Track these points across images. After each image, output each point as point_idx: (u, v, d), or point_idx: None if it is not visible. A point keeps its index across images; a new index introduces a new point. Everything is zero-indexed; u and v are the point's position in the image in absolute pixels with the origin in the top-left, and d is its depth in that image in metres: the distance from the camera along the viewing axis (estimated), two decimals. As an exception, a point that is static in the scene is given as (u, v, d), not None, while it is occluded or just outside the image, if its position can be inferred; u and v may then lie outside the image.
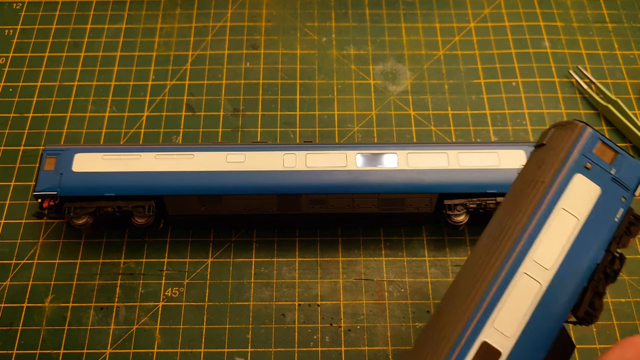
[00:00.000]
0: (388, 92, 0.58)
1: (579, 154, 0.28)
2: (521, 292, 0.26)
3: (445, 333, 0.25)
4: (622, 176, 0.28)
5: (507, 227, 0.27)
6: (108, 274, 0.49)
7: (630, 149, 0.54)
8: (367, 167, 0.46)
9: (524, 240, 0.26)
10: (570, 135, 0.28)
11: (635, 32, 0.61)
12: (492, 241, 0.27)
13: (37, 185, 0.46)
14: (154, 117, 0.56)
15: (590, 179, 0.28)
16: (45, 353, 0.45)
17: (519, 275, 0.26)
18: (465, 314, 0.25)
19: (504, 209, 0.29)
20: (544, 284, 0.26)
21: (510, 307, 0.26)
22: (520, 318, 0.26)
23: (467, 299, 0.26)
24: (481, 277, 0.26)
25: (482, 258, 0.27)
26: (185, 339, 0.46)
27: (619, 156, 0.28)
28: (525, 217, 0.27)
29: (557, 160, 0.28)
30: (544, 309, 0.26)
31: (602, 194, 0.28)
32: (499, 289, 0.26)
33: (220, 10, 0.63)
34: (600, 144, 0.28)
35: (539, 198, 0.27)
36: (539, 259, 0.26)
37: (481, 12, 0.63)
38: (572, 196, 0.27)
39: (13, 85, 0.58)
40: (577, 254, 0.27)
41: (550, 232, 0.27)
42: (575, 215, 0.27)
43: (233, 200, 0.46)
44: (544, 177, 0.28)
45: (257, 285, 0.48)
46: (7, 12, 0.63)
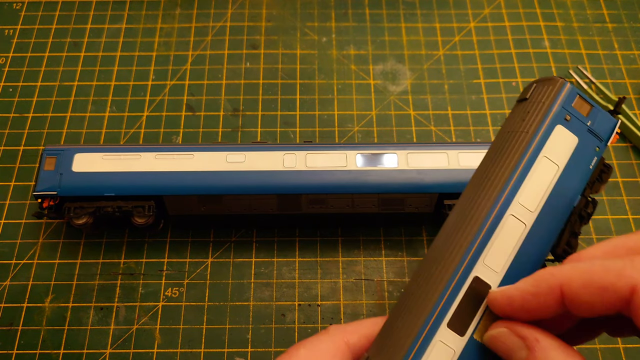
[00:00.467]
0: (388, 92, 0.58)
1: (559, 107, 0.30)
2: (508, 232, 0.28)
3: (439, 272, 0.28)
4: (597, 128, 0.31)
5: (494, 174, 0.30)
6: (108, 274, 0.49)
7: (631, 149, 0.54)
8: (367, 167, 0.46)
9: (511, 185, 0.29)
10: (552, 90, 0.31)
11: (635, 32, 0.61)
12: (480, 188, 0.30)
13: (37, 185, 0.46)
14: (154, 117, 0.56)
15: (569, 129, 0.30)
16: (45, 353, 0.45)
17: (506, 217, 0.28)
18: (458, 252, 0.28)
19: (489, 159, 0.31)
20: (528, 224, 0.28)
21: (498, 245, 0.28)
22: (507, 255, 0.28)
23: (460, 239, 0.28)
24: (472, 219, 0.29)
25: (471, 203, 0.30)
26: (185, 339, 0.46)
27: (594, 109, 0.31)
28: (512, 164, 0.29)
29: (540, 113, 0.30)
30: (527, 246, 0.28)
31: (579, 143, 0.30)
32: (489, 229, 0.28)
33: (220, 10, 0.63)
34: (579, 98, 0.30)
35: (524, 147, 0.30)
36: (524, 202, 0.29)
37: (481, 12, 0.63)
38: (553, 145, 0.30)
39: (13, 85, 0.58)
40: (557, 198, 0.29)
41: (534, 177, 0.29)
42: (556, 162, 0.30)
43: (233, 200, 0.46)
44: (527, 128, 0.30)
45: (257, 285, 0.48)
46: (7, 12, 0.63)
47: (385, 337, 0.28)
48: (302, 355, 0.27)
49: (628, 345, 0.45)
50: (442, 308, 0.27)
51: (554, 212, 0.29)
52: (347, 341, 0.28)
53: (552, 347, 0.24)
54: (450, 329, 0.27)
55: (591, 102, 0.31)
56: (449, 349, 0.27)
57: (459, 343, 0.27)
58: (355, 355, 0.28)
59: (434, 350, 0.26)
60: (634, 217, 0.51)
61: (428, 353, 0.26)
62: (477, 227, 0.28)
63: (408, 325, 0.27)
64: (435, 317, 0.27)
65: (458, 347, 0.27)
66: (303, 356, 0.27)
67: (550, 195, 0.29)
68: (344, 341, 0.28)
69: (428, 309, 0.27)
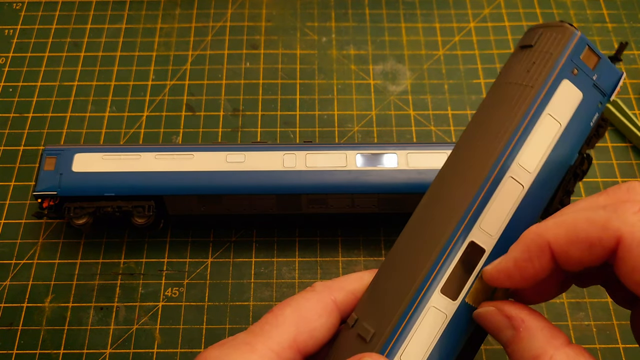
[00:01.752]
0: (388, 92, 0.58)
1: (568, 60, 0.28)
2: (506, 195, 0.27)
3: (433, 235, 0.27)
4: (602, 82, 0.29)
5: (495, 132, 0.27)
6: (108, 274, 0.49)
7: (631, 149, 0.54)
8: (367, 167, 0.46)
9: (512, 146, 0.27)
10: (562, 39, 0.28)
11: (635, 32, 0.61)
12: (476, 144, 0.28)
13: (37, 185, 0.46)
14: (154, 117, 0.56)
15: (575, 84, 0.28)
16: (45, 353, 0.45)
17: (505, 179, 0.27)
18: (454, 216, 0.26)
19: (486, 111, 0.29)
20: (526, 186, 0.27)
21: (495, 208, 0.27)
22: (503, 218, 0.27)
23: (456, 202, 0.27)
24: (471, 180, 0.27)
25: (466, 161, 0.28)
26: (185, 339, 0.46)
27: (601, 61, 0.29)
28: (516, 122, 0.27)
29: (547, 65, 0.28)
30: (523, 209, 0.27)
31: (583, 99, 0.28)
32: (488, 193, 0.27)
33: (220, 10, 0.63)
34: (587, 50, 0.28)
35: (529, 103, 0.27)
36: (523, 163, 0.27)
37: (481, 12, 0.63)
38: (557, 102, 0.28)
39: (13, 85, 0.58)
40: (556, 157, 0.28)
41: (536, 137, 0.27)
42: (559, 120, 0.28)
43: (233, 200, 0.46)
44: (533, 81, 0.28)
45: (257, 285, 0.48)
46: (7, 12, 0.63)
47: (374, 298, 0.27)
48: (288, 315, 0.26)
49: (628, 346, 0.45)
50: (437, 274, 0.26)
51: (551, 172, 0.28)
52: (334, 299, 0.27)
53: (537, 327, 0.23)
54: (444, 294, 0.26)
55: (599, 53, 0.29)
56: (442, 314, 0.26)
57: (451, 307, 0.26)
58: (342, 312, 0.27)
59: (427, 316, 0.26)
60: (634, 217, 0.51)
61: (421, 319, 0.26)
62: (475, 190, 0.27)
63: (399, 289, 0.26)
64: (430, 282, 0.26)
65: (450, 311, 0.26)
66: (289, 316, 0.26)
67: (549, 155, 0.28)
68: (331, 299, 0.27)
69: (422, 275, 0.26)
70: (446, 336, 0.26)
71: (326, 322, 0.27)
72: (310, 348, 0.26)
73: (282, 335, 0.25)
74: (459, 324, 0.26)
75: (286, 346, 0.25)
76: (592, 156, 0.30)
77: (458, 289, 0.26)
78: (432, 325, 0.26)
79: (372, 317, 0.26)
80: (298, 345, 0.26)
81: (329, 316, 0.27)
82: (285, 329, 0.26)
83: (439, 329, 0.26)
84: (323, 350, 0.27)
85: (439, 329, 0.26)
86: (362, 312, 0.27)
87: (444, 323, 0.26)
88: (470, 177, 0.27)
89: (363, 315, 0.27)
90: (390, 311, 0.26)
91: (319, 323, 0.26)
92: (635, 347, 0.45)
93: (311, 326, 0.26)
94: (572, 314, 0.47)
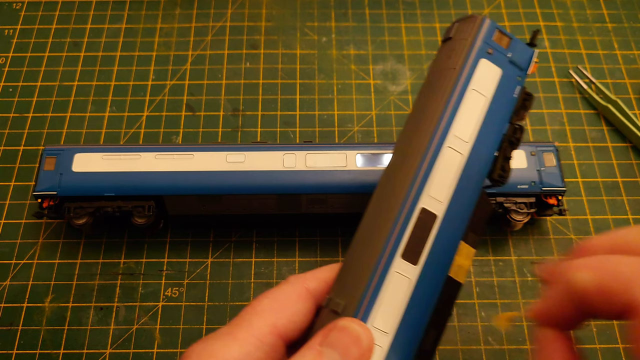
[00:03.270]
0: (388, 92, 0.58)
1: (482, 42, 0.32)
2: (447, 163, 0.30)
3: (386, 209, 0.29)
4: (517, 58, 0.33)
5: (429, 111, 0.31)
6: (108, 274, 0.49)
7: (631, 149, 0.54)
8: (367, 167, 0.46)
9: (445, 119, 0.31)
10: (473, 26, 0.33)
11: (635, 32, 0.61)
12: (416, 125, 0.31)
13: (37, 185, 0.46)
14: (154, 117, 0.56)
15: (492, 62, 0.32)
16: (45, 353, 0.45)
17: (444, 149, 0.30)
18: (403, 188, 0.30)
19: (422, 97, 0.33)
20: (464, 154, 0.30)
21: (439, 176, 0.30)
22: (449, 185, 0.30)
23: (403, 176, 0.30)
24: (413, 154, 0.30)
25: (410, 141, 0.31)
26: (185, 339, 0.46)
27: (512, 41, 0.33)
28: (444, 99, 0.31)
29: (464, 49, 0.32)
30: (466, 175, 0.30)
31: (503, 74, 0.32)
32: (430, 163, 0.30)
33: (220, 10, 0.63)
34: (498, 32, 0.33)
35: (453, 82, 0.31)
36: (458, 133, 0.31)
37: (481, 12, 0.63)
38: (479, 78, 0.32)
39: (13, 85, 0.58)
40: (488, 127, 0.31)
41: (465, 110, 0.31)
42: (484, 94, 0.32)
43: (233, 200, 0.46)
44: (454, 64, 0.32)
45: (257, 285, 0.48)
46: (7, 12, 0.63)
47: (343, 277, 0.29)
48: (266, 304, 0.28)
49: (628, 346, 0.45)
50: (395, 241, 0.28)
51: (486, 140, 0.31)
52: (307, 287, 0.29)
53: None
54: (405, 259, 0.28)
55: (509, 34, 0.33)
56: (405, 278, 0.28)
57: (414, 271, 0.28)
58: (317, 299, 0.29)
59: (392, 281, 0.28)
60: (634, 217, 0.51)
61: (386, 284, 0.28)
62: (417, 163, 0.30)
63: (364, 261, 0.29)
64: (389, 249, 0.28)
65: (413, 275, 0.28)
66: (267, 305, 0.27)
67: (481, 125, 0.31)
68: (304, 287, 0.29)
69: (381, 243, 0.28)
70: (415, 299, 0.28)
71: (302, 307, 0.28)
72: (290, 332, 0.27)
73: (261, 321, 0.27)
74: (426, 287, 0.28)
75: (267, 331, 0.26)
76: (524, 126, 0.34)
77: (417, 254, 0.29)
78: (399, 290, 0.28)
79: (342, 292, 0.28)
80: (278, 330, 0.27)
81: (304, 302, 0.28)
82: (265, 315, 0.27)
83: (405, 292, 0.28)
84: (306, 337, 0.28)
85: (405, 292, 0.28)
86: (333, 291, 0.29)
87: (409, 287, 0.28)
88: (413, 152, 0.30)
89: (335, 294, 0.29)
90: (357, 283, 0.28)
91: (295, 308, 0.28)
92: (635, 347, 0.45)
93: (288, 311, 0.28)
94: (572, 314, 0.47)
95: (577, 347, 0.25)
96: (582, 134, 0.55)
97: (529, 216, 0.46)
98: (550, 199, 0.46)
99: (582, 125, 0.56)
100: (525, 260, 0.49)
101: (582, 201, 0.52)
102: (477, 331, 0.46)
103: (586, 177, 0.53)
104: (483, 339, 0.46)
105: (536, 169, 0.46)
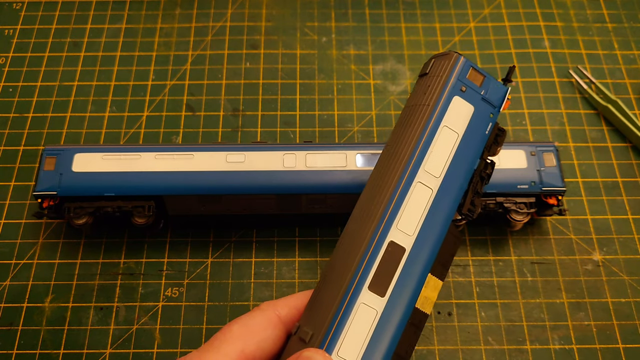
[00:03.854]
0: (388, 92, 0.58)
1: (456, 79, 0.33)
2: (417, 198, 0.31)
3: (357, 241, 0.30)
4: (490, 96, 0.34)
5: (402, 145, 0.32)
6: (108, 274, 0.49)
7: (631, 149, 0.54)
8: (367, 167, 0.46)
9: (417, 155, 0.31)
10: (448, 64, 0.34)
11: (635, 32, 0.61)
12: (389, 159, 0.32)
13: (37, 185, 0.46)
14: (154, 117, 0.56)
15: (465, 99, 0.33)
16: (45, 353, 0.45)
17: (414, 184, 0.31)
18: (373, 221, 0.30)
19: (396, 132, 0.34)
20: (434, 189, 0.31)
21: (409, 210, 0.31)
22: (418, 219, 0.31)
23: (374, 209, 0.31)
24: (384, 188, 0.31)
25: (381, 175, 0.32)
26: (185, 339, 0.46)
27: (486, 79, 0.34)
28: (417, 135, 0.32)
29: (439, 86, 0.33)
30: (435, 209, 0.31)
31: (475, 111, 0.33)
32: (400, 197, 0.31)
33: (220, 10, 0.63)
34: (472, 70, 0.34)
35: (427, 118, 0.32)
36: (429, 169, 0.32)
37: (481, 12, 0.63)
38: (452, 115, 0.33)
39: (13, 85, 0.58)
40: (459, 162, 0.32)
41: (437, 146, 0.32)
42: (456, 130, 0.33)
43: (233, 200, 0.46)
44: (428, 101, 0.33)
45: (257, 285, 0.48)
46: (7, 12, 0.63)
47: (313, 306, 0.30)
48: (235, 330, 0.28)
49: (628, 346, 0.45)
50: (363, 272, 0.29)
51: (457, 175, 0.32)
52: (278, 314, 0.30)
53: None
54: (372, 291, 0.29)
55: (483, 72, 0.34)
56: (372, 310, 0.29)
57: (380, 303, 0.29)
58: (287, 326, 0.30)
59: (358, 312, 0.29)
60: (634, 217, 0.51)
61: (353, 314, 0.28)
62: (388, 196, 0.31)
63: (333, 292, 0.29)
64: (357, 281, 0.29)
65: (379, 307, 0.29)
66: (236, 332, 0.28)
67: (452, 161, 0.32)
68: (275, 314, 0.30)
69: (350, 274, 0.29)
70: (380, 330, 0.29)
71: (272, 334, 0.29)
72: (259, 359, 0.28)
73: (230, 347, 0.27)
74: (392, 318, 0.29)
75: (235, 357, 0.27)
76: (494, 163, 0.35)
77: (385, 286, 0.29)
78: (365, 321, 0.29)
79: (311, 321, 0.29)
80: (246, 356, 0.27)
81: (274, 329, 0.29)
82: (233, 342, 0.28)
83: (371, 323, 0.29)
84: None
85: (371, 323, 0.29)
86: (303, 319, 0.30)
87: (375, 318, 0.29)
88: (384, 186, 0.31)
89: (304, 322, 0.29)
90: (325, 312, 0.29)
91: (265, 334, 0.29)
92: (636, 347, 0.45)
93: (257, 338, 0.28)
94: (572, 314, 0.47)
95: None
96: (582, 134, 0.55)
97: (529, 216, 0.46)
98: (550, 199, 0.46)
99: (582, 125, 0.56)
100: (525, 260, 0.49)
101: (582, 201, 0.52)
102: (477, 331, 0.46)
103: (586, 177, 0.53)
104: (483, 339, 0.46)
105: (536, 169, 0.46)
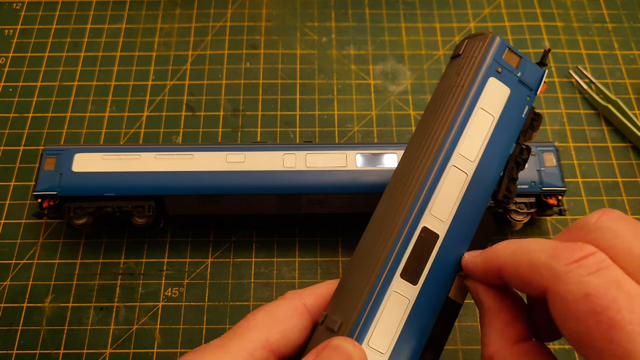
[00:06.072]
0: (388, 92, 0.58)
1: (491, 60, 0.32)
2: (451, 182, 0.30)
3: (388, 227, 0.29)
4: (526, 78, 0.32)
5: (435, 128, 0.31)
6: (108, 274, 0.49)
7: (631, 149, 0.54)
8: (367, 167, 0.46)
9: (451, 137, 0.30)
10: (483, 44, 0.32)
11: (635, 32, 0.61)
12: (422, 143, 0.31)
13: (37, 185, 0.46)
14: (154, 117, 0.56)
15: (501, 81, 0.32)
16: (45, 353, 0.45)
17: (448, 168, 0.30)
18: (405, 206, 0.29)
19: (429, 114, 0.32)
20: (469, 173, 0.30)
21: (443, 195, 0.29)
22: (452, 204, 0.29)
23: (406, 194, 0.29)
24: (417, 172, 0.30)
25: (414, 158, 0.31)
26: (185, 339, 0.46)
27: (522, 61, 0.32)
28: (451, 118, 0.30)
29: (473, 67, 0.32)
30: (470, 195, 0.30)
31: (511, 94, 0.32)
32: (433, 181, 0.29)
33: (220, 10, 0.63)
34: (508, 51, 0.32)
35: (461, 100, 0.31)
36: (464, 152, 0.30)
37: (481, 12, 0.63)
38: (487, 97, 0.31)
39: (13, 85, 0.58)
40: (494, 147, 0.31)
41: (472, 129, 0.30)
42: (491, 113, 0.31)
43: (233, 200, 0.46)
44: (462, 82, 0.31)
45: (257, 285, 0.48)
46: (7, 12, 0.63)
47: (341, 294, 0.29)
48: (260, 318, 0.27)
49: (628, 345, 0.45)
50: (395, 259, 0.28)
51: (492, 160, 0.31)
52: (304, 302, 0.29)
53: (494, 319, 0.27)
54: (404, 278, 0.28)
55: (520, 53, 0.32)
56: (404, 298, 0.28)
57: (413, 292, 0.28)
58: (314, 315, 0.29)
59: (390, 300, 0.28)
60: (634, 217, 0.51)
61: (384, 303, 0.27)
62: (421, 181, 0.29)
63: (362, 279, 0.28)
64: (388, 268, 0.28)
65: (412, 295, 0.28)
66: (261, 320, 0.27)
67: (487, 145, 0.31)
68: (301, 302, 0.29)
69: (381, 262, 0.28)
70: (413, 320, 0.28)
71: (297, 323, 0.28)
72: (283, 349, 0.27)
73: (254, 336, 0.26)
74: (424, 308, 0.28)
75: (259, 346, 0.26)
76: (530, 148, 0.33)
77: (417, 274, 0.28)
78: (397, 310, 0.28)
79: (339, 310, 0.28)
80: (271, 345, 0.27)
81: (300, 317, 0.28)
82: (258, 330, 0.27)
83: (403, 312, 0.28)
84: (300, 354, 0.28)
85: (403, 312, 0.28)
86: (330, 308, 0.29)
87: (407, 307, 0.28)
88: (417, 170, 0.30)
89: (331, 311, 0.28)
90: (355, 300, 0.27)
91: (290, 323, 0.28)
92: (635, 347, 0.45)
93: (283, 327, 0.27)
94: (572, 314, 0.47)
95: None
96: (582, 134, 0.55)
97: (529, 216, 0.46)
98: (550, 199, 0.46)
99: (582, 125, 0.56)
100: (525, 260, 0.49)
101: (582, 201, 0.52)
102: (477, 331, 0.46)
103: (586, 177, 0.53)
104: (483, 339, 0.46)
105: (536, 169, 0.46)
